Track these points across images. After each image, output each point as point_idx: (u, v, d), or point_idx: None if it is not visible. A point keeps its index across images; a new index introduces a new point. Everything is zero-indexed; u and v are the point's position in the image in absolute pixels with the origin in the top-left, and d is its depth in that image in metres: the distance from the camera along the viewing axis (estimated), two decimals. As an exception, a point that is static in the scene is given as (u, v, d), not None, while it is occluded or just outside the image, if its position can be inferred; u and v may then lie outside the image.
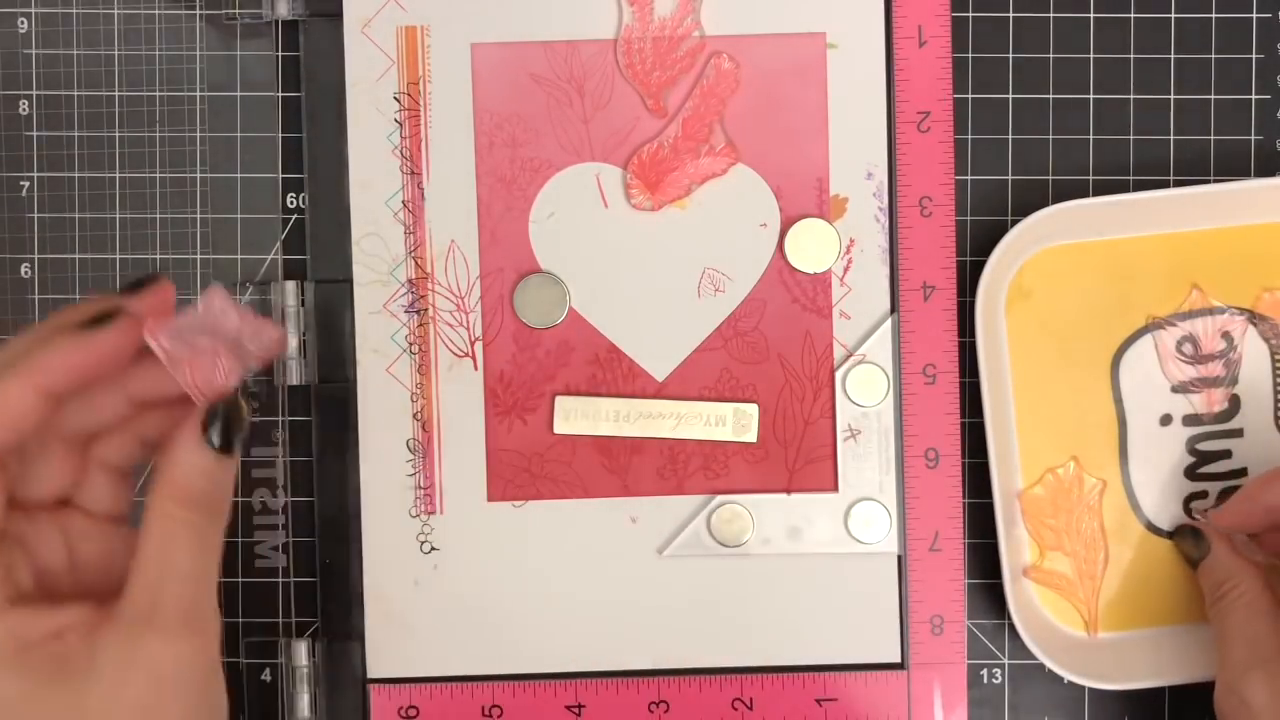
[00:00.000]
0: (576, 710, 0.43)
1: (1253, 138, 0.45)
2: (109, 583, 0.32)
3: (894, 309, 0.43)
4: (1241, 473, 0.44)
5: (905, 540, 0.43)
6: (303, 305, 0.44)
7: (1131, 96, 0.45)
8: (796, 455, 0.44)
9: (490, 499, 0.44)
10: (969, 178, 0.45)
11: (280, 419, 0.45)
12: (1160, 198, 0.42)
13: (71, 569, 0.33)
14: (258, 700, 0.44)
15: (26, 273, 0.45)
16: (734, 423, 0.44)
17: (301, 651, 0.43)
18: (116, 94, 0.45)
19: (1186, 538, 0.43)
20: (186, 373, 0.32)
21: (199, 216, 0.45)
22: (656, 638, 0.44)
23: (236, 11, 0.44)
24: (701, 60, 0.43)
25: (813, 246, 0.43)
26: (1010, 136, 0.45)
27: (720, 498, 0.44)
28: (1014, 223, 0.42)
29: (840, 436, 0.44)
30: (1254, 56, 0.45)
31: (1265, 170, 0.45)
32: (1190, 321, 0.44)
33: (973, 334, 0.43)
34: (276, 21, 0.44)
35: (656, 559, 0.44)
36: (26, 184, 0.45)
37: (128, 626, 0.30)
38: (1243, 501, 0.41)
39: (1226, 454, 0.44)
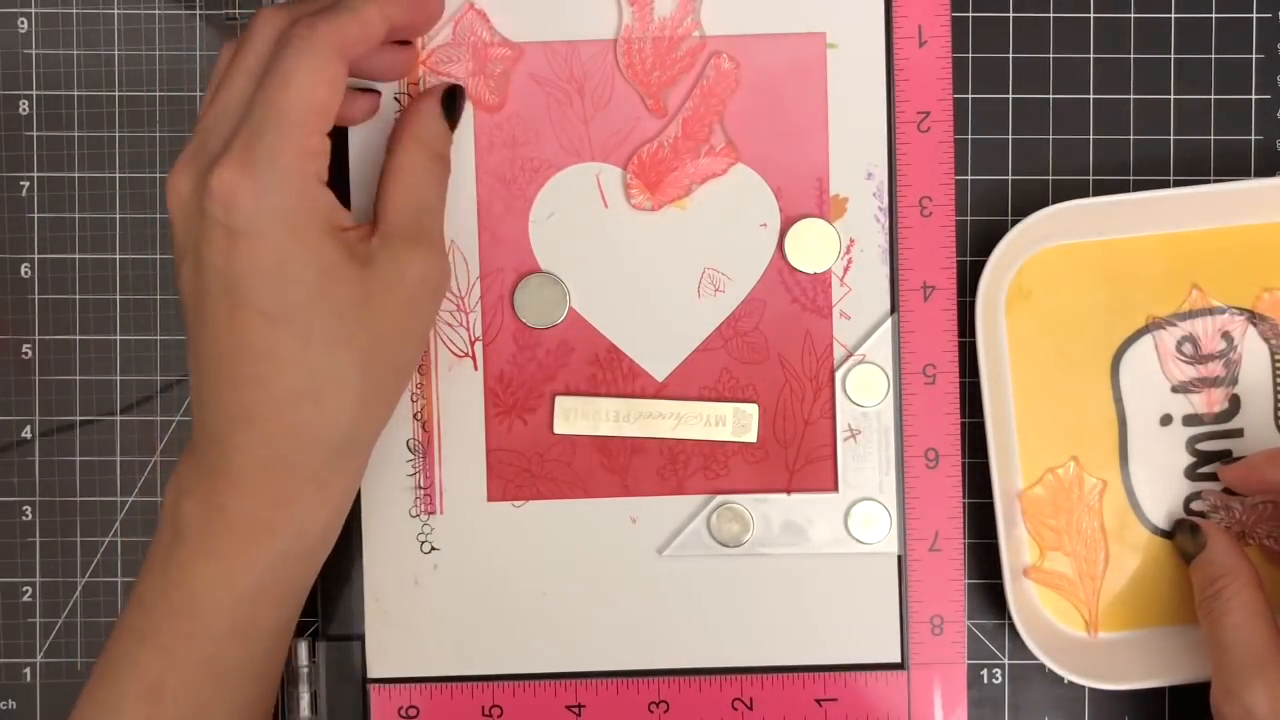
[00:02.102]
0: (576, 710, 0.43)
1: (1253, 138, 0.45)
2: None
3: (894, 309, 0.43)
4: (1241, 473, 0.44)
5: (905, 540, 0.43)
6: (303, 305, 0.44)
7: (1131, 96, 0.45)
8: (796, 455, 0.44)
9: (490, 499, 0.44)
10: (969, 178, 0.45)
11: (280, 419, 0.45)
12: (1160, 198, 0.42)
13: None
14: (258, 700, 0.44)
15: (26, 273, 0.45)
16: (734, 423, 0.44)
17: (301, 651, 0.43)
18: (116, 94, 0.45)
19: (1184, 531, 0.43)
20: None
21: (199, 216, 0.45)
22: (656, 638, 0.44)
23: (236, 11, 0.44)
24: (701, 60, 0.43)
25: (813, 246, 0.43)
26: (1010, 136, 0.45)
27: (720, 498, 0.44)
28: (1014, 223, 0.42)
29: (840, 436, 0.44)
30: (1254, 56, 0.45)
31: (1265, 170, 0.45)
32: (1190, 321, 0.44)
33: (973, 334, 0.43)
34: (276, 21, 0.44)
35: (656, 559, 0.44)
36: (26, 184, 0.45)
37: (397, 241, 0.38)
38: (1243, 468, 0.42)
39: (1226, 454, 0.44)
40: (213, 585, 0.37)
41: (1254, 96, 0.45)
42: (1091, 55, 0.45)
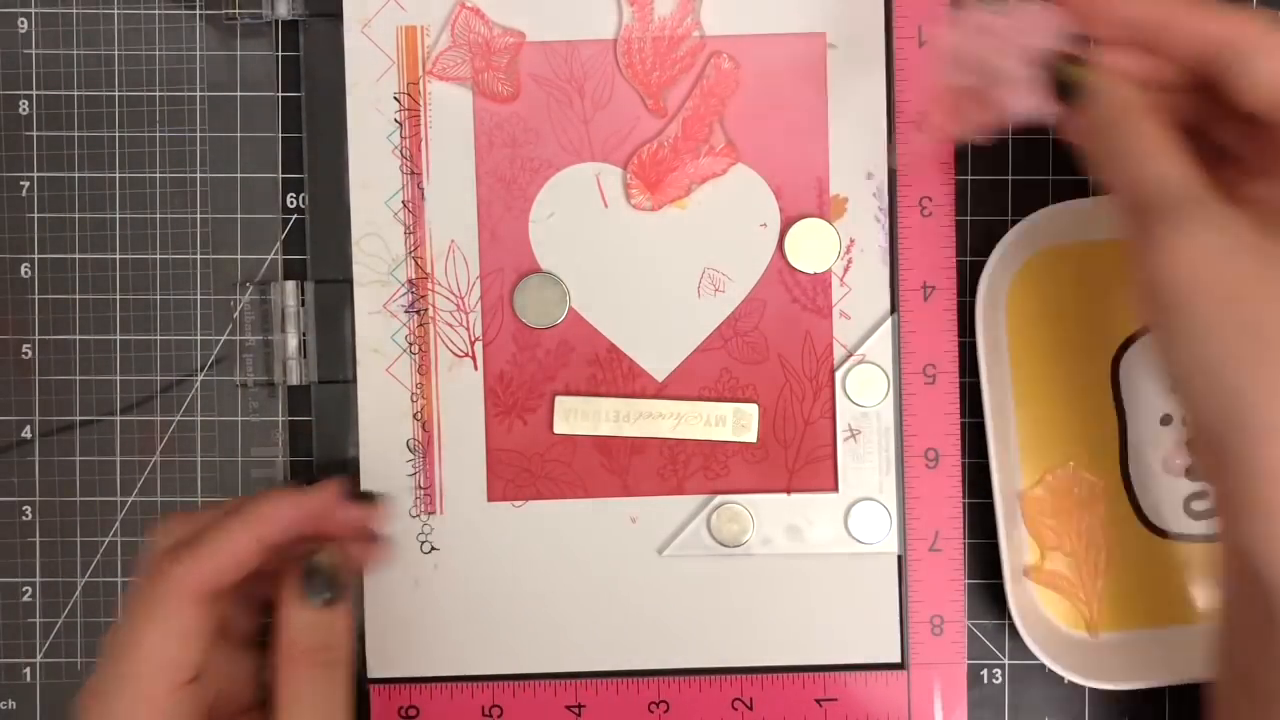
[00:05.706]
0: (576, 710, 0.43)
1: (1253, 138, 0.45)
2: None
3: (894, 309, 0.43)
4: (1241, 473, 0.44)
5: (905, 540, 0.43)
6: (303, 305, 0.44)
7: (1131, 96, 0.45)
8: (796, 455, 0.44)
9: (490, 499, 0.44)
10: (969, 178, 0.45)
11: (280, 419, 0.45)
12: (1160, 198, 0.42)
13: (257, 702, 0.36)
14: (258, 700, 0.44)
15: (26, 273, 0.45)
16: (734, 423, 0.44)
17: (301, 651, 0.43)
18: (116, 94, 0.45)
19: (1068, 69, 0.34)
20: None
21: (199, 216, 0.45)
22: (656, 638, 0.44)
23: (236, 11, 0.44)
24: (701, 60, 0.43)
25: (813, 246, 0.43)
26: (1010, 137, 0.45)
27: (720, 498, 0.44)
28: (1014, 223, 0.42)
29: (840, 436, 0.44)
30: (1254, 56, 0.45)
31: (1265, 170, 0.45)
32: (1190, 321, 0.44)
33: (973, 334, 0.43)
34: (276, 21, 0.44)
35: (656, 559, 0.44)
36: (26, 184, 0.45)
37: None
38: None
39: (1226, 454, 0.44)
40: None
41: (1254, 96, 0.45)
42: (1091, 55, 0.45)
